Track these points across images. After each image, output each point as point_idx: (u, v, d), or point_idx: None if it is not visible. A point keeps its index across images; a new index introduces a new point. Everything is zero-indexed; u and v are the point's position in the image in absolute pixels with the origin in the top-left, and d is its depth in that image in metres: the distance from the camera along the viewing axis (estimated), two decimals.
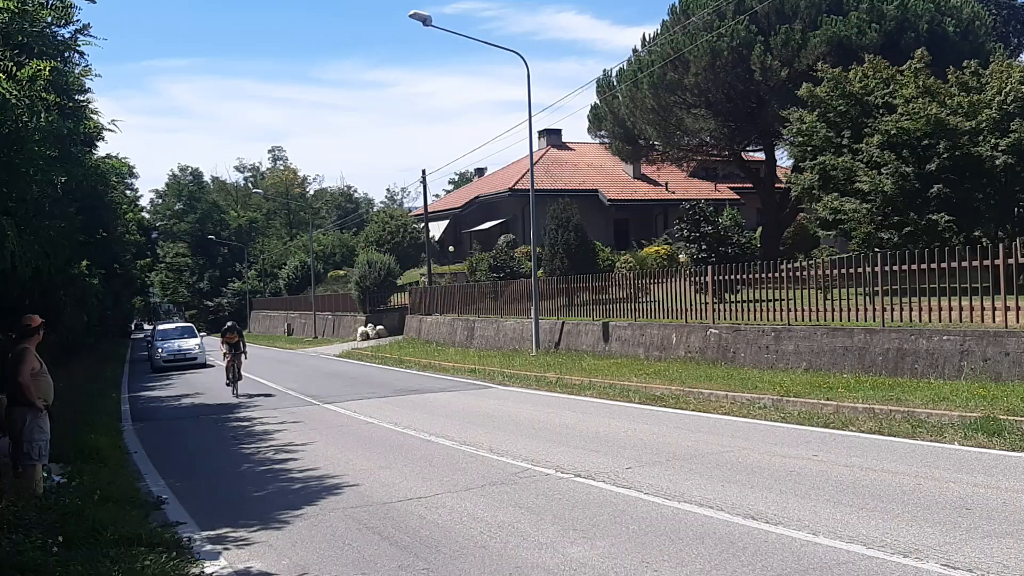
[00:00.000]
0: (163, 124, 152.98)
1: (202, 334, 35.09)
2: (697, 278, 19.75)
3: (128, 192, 49.44)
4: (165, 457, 12.14)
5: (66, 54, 10.16)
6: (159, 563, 6.48)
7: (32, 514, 7.35)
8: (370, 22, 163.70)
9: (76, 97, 10.74)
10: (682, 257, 29.04)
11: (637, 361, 19.42)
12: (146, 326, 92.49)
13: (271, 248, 77.65)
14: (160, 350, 30.92)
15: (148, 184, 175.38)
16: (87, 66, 10.50)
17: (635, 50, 31.50)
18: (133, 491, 9.49)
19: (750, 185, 36.27)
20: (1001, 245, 13.64)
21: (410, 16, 22.26)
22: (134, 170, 55.90)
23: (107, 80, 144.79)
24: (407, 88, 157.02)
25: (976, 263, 13.65)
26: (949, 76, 19.83)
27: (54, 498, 8.21)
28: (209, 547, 7.20)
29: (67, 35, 10.35)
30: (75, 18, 9.93)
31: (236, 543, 7.27)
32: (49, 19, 9.58)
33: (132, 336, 73.00)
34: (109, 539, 7.02)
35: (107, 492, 8.80)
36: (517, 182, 41.62)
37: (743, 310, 17.99)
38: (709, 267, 19.45)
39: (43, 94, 7.97)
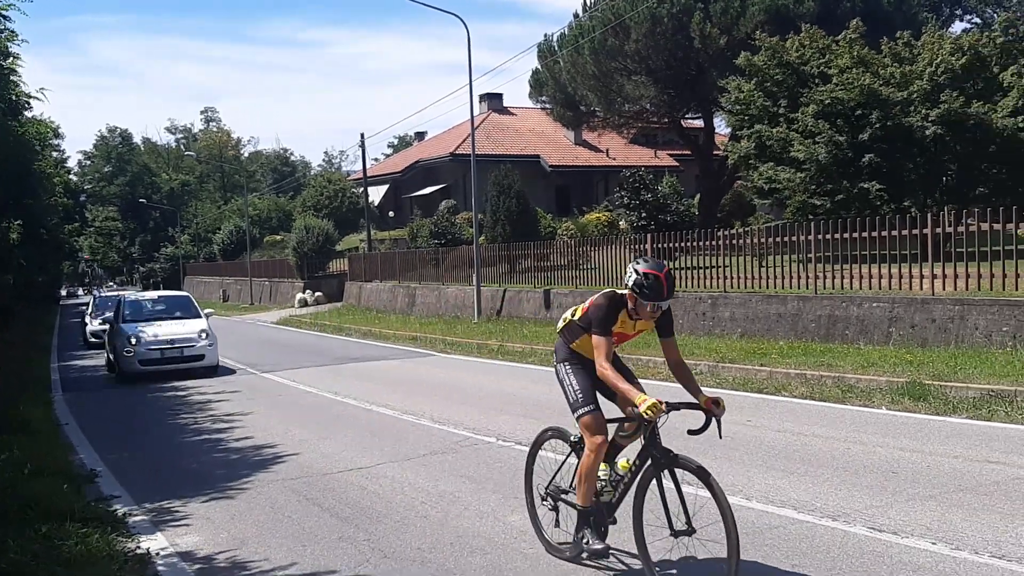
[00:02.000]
0: (90, 83, 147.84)
1: (208, 311, 19.36)
2: (637, 245, 19.94)
3: (55, 154, 47.78)
4: (98, 429, 11.88)
5: None
6: (93, 539, 6.35)
7: None
8: None
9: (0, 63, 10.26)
10: (623, 224, 29.25)
11: None
12: (81, 293, 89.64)
13: (205, 212, 76.03)
14: (134, 341, 16.80)
15: (75, 145, 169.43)
16: (11, 31, 10.02)
17: (576, 15, 31.43)
18: (65, 464, 9.25)
19: (689, 152, 36.64)
20: (930, 215, 14.05)
21: None
22: (60, 131, 53.88)
23: (30, 37, 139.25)
24: (345, 48, 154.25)
25: (906, 232, 14.04)
26: (883, 47, 20.21)
27: None
28: (145, 521, 7.08)
29: None
30: None
31: (173, 517, 7.17)
32: None
33: (61, 302, 70.99)
34: (41, 514, 6.86)
35: (38, 465, 8.56)
36: (458, 147, 41.34)
37: (682, 277, 18.21)
38: (648, 235, 19.65)
39: None
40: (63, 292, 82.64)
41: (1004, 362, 10.71)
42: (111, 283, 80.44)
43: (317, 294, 39.09)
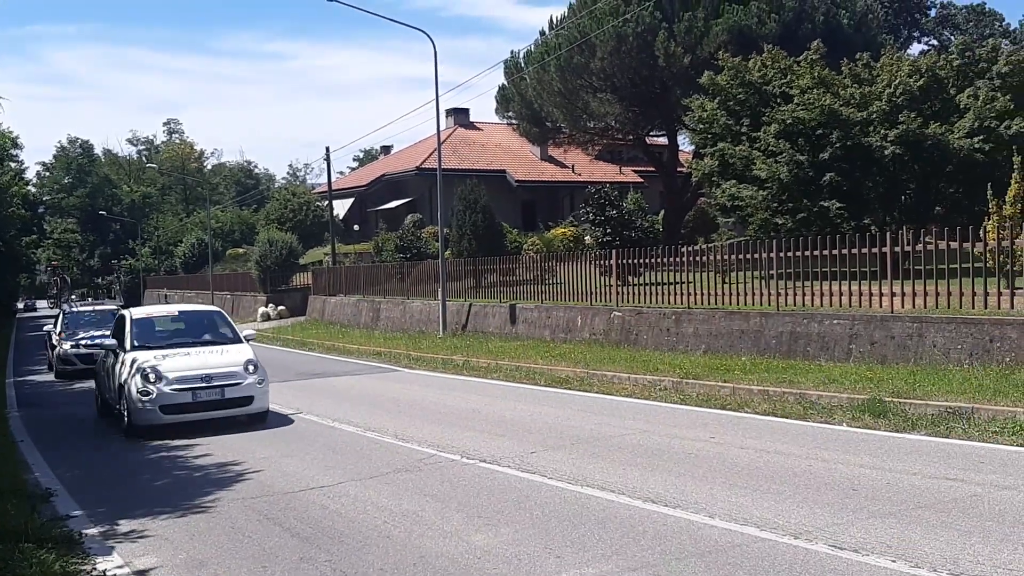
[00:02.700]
0: (49, 93, 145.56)
1: (248, 332, 13.66)
2: (602, 261, 20.05)
3: (13, 164, 46.98)
4: (54, 446, 11.64)
5: None
6: (48, 560, 6.21)
7: None
8: None
9: None
10: (588, 239, 29.40)
11: (544, 343, 19.60)
12: (45, 305, 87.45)
13: (166, 224, 75.03)
14: (155, 378, 11.49)
15: (35, 156, 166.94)
16: None
17: (543, 32, 31.65)
18: (20, 483, 9.05)
19: (653, 169, 36.95)
20: (889, 233, 14.30)
21: None
22: (18, 141, 53.06)
23: None
24: (309, 61, 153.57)
25: (866, 250, 14.25)
26: (843, 68, 20.60)
27: None
28: (102, 541, 6.94)
29: None
30: None
31: (130, 537, 7.03)
32: None
33: (18, 315, 69.63)
34: None
35: None
36: (424, 161, 41.31)
37: (646, 293, 18.34)
38: (614, 251, 19.76)
39: None
40: (20, 305, 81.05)
41: (961, 379, 10.89)
42: (74, 296, 78.48)
43: (280, 308, 38.71)
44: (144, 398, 11.31)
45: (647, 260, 18.61)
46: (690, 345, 16.24)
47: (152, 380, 11.36)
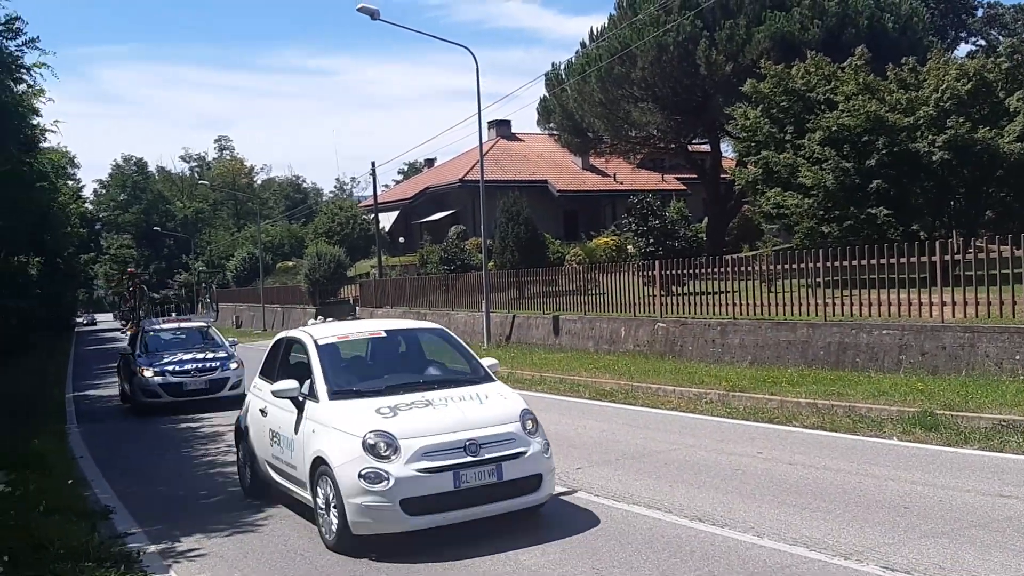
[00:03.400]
0: (103, 111, 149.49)
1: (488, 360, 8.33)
2: (645, 272, 19.99)
3: (71, 183, 48.24)
4: (112, 462, 11.94)
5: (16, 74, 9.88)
6: None
7: None
8: (309, 9, 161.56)
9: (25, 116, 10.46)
10: (631, 248, 29.33)
11: (587, 354, 19.60)
12: (102, 317, 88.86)
13: (218, 239, 76.55)
14: (388, 451, 6.63)
15: (90, 174, 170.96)
16: (40, 88, 10.24)
17: (583, 44, 31.71)
18: (80, 500, 9.31)
19: (696, 176, 36.75)
20: (938, 241, 14.06)
21: (358, 10, 22.03)
22: (75, 160, 54.48)
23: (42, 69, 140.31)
24: (353, 76, 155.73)
25: (914, 259, 14.04)
26: (888, 73, 20.31)
27: None
28: (160, 560, 7.12)
29: (13, 48, 10.07)
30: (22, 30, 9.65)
31: (187, 555, 7.21)
32: None
33: (76, 330, 71.44)
34: (56, 554, 6.90)
35: (53, 502, 8.60)
36: (467, 173, 41.56)
37: (690, 303, 18.26)
38: (657, 261, 19.71)
39: None
40: (79, 319, 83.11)
41: (1015, 391, 10.67)
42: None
43: (329, 320, 39.16)
44: (373, 487, 6.53)
45: (691, 270, 18.53)
46: (736, 356, 16.12)
47: (384, 454, 6.64)
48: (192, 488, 9.93)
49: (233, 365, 17.01)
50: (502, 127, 48.25)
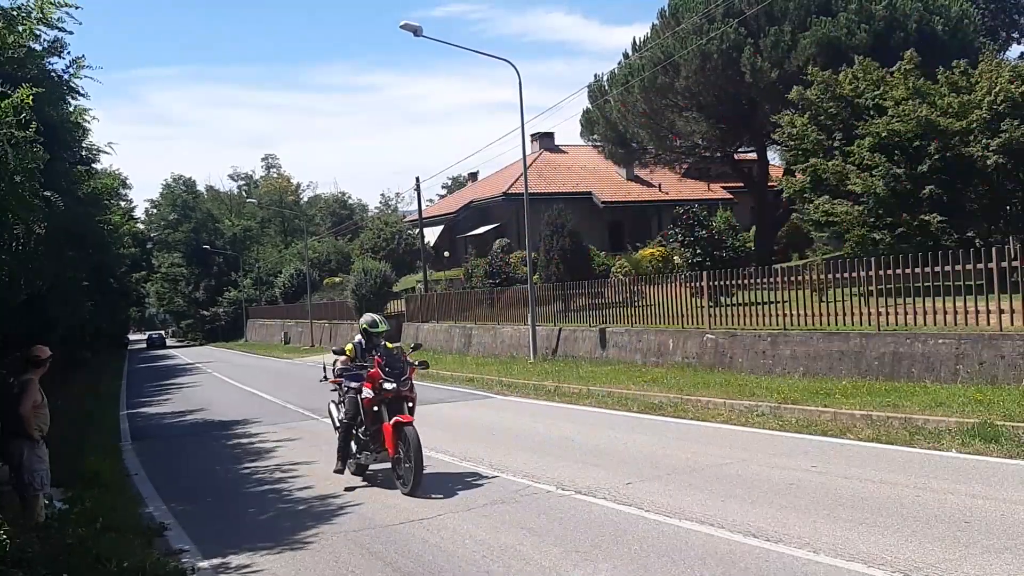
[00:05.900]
0: (153, 133, 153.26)
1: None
2: (693, 283, 19.80)
3: (123, 203, 49.35)
4: (166, 479, 12.13)
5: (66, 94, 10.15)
6: None
7: (35, 546, 7.35)
8: (352, 27, 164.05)
9: (75, 137, 10.75)
10: (677, 259, 29.12)
11: (634, 367, 19.46)
12: (155, 335, 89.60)
13: (266, 256, 77.67)
14: None
15: (141, 193, 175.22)
16: (84, 108, 10.51)
17: (626, 54, 31.67)
18: (135, 517, 9.49)
19: (743, 184, 36.40)
20: (994, 247, 13.71)
21: (401, 27, 22.27)
22: (127, 181, 55.77)
23: (93, 91, 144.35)
24: (397, 91, 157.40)
25: (970, 266, 13.71)
26: (939, 76, 19.95)
27: (56, 528, 8.21)
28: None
29: (61, 69, 10.36)
30: (66, 51, 9.92)
31: (239, 572, 7.28)
32: (38, 47, 9.55)
33: (128, 347, 72.91)
34: (113, 571, 7.02)
35: (109, 520, 8.77)
36: (511, 186, 41.66)
37: (739, 314, 18.04)
38: (704, 271, 19.51)
39: (15, 131, 7.68)
40: (140, 336, 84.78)
41: None
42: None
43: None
44: None
45: (739, 280, 18.31)
46: (787, 368, 15.87)
47: None
48: (243, 504, 10.03)
49: None
50: (545, 139, 48.32)
